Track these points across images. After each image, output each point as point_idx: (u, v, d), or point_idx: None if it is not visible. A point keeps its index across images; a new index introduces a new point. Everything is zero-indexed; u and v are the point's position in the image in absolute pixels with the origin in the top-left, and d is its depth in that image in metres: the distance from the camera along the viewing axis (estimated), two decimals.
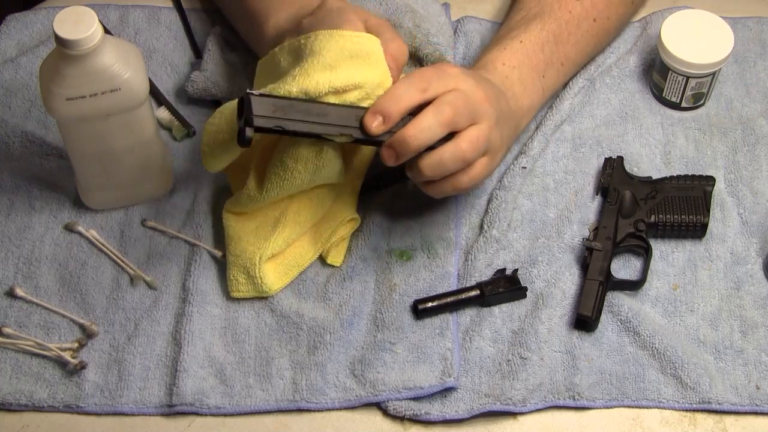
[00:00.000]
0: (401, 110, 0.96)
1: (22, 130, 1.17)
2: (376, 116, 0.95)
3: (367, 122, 0.96)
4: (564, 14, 1.14)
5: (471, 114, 0.98)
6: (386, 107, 0.95)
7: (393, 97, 0.96)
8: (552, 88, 1.16)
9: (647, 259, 1.08)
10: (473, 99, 0.98)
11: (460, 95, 0.97)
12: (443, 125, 0.96)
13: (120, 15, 1.29)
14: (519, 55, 1.11)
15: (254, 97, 0.93)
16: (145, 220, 1.12)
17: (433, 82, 0.97)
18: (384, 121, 0.96)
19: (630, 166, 1.15)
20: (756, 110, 1.20)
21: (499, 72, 1.09)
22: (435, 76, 0.98)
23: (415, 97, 0.96)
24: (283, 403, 1.01)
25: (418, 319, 1.05)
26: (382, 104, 0.96)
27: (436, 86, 0.97)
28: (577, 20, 1.15)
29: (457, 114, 0.97)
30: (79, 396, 1.01)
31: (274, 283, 1.06)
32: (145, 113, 1.06)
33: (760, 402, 1.01)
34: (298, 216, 1.07)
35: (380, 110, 0.96)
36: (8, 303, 1.07)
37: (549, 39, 1.13)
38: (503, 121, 1.04)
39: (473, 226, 1.12)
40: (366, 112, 0.96)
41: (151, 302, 1.07)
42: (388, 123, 0.96)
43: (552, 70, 1.14)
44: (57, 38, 0.96)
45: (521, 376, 1.01)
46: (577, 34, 1.15)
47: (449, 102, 0.96)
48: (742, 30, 1.26)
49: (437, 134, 0.96)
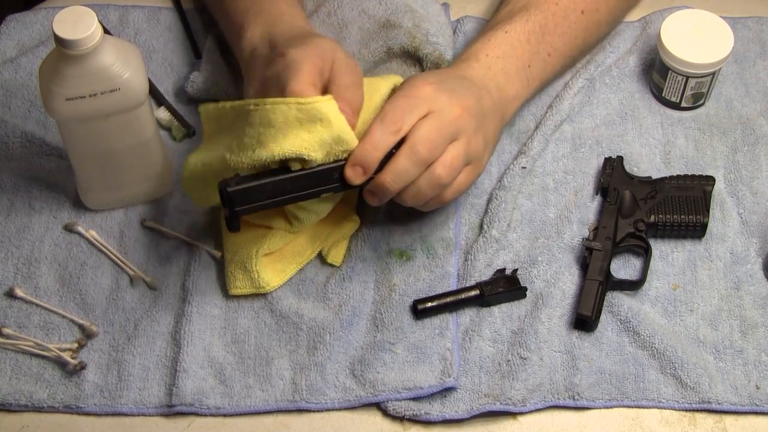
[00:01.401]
0: (379, 158, 0.98)
1: (21, 130, 1.17)
2: (356, 168, 0.98)
3: (349, 176, 0.98)
4: (550, 6, 1.15)
5: (447, 137, 0.99)
6: (364, 158, 0.97)
7: (369, 146, 0.97)
8: (539, 79, 1.15)
9: (647, 259, 1.08)
10: (448, 120, 0.99)
11: (434, 124, 0.98)
12: (419, 165, 0.98)
13: (120, 15, 1.29)
14: (503, 46, 1.11)
15: (232, 190, 0.95)
16: (145, 220, 1.12)
17: (406, 117, 0.98)
18: (365, 171, 0.98)
19: (630, 165, 1.14)
20: (756, 110, 1.20)
21: (481, 63, 1.09)
22: (406, 110, 0.99)
23: (390, 140, 0.98)
24: (283, 404, 1.01)
25: (418, 319, 1.05)
26: (360, 155, 0.97)
27: (410, 120, 0.98)
28: (564, 11, 1.15)
29: (432, 148, 0.98)
30: (78, 396, 1.01)
31: (271, 278, 1.06)
32: (144, 113, 1.06)
33: (760, 402, 1.01)
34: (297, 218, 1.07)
35: (359, 162, 0.98)
36: (8, 303, 1.07)
37: (535, 29, 1.13)
38: (487, 119, 1.05)
39: (473, 226, 1.12)
40: (346, 166, 0.98)
41: (151, 302, 1.07)
42: (368, 172, 0.98)
43: (538, 60, 1.14)
44: (57, 38, 0.96)
45: (521, 376, 1.01)
46: (564, 25, 1.15)
47: (422, 139, 0.98)
48: (742, 30, 1.26)
49: (415, 175, 0.99)
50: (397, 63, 1.18)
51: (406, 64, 1.19)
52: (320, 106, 0.96)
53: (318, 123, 0.96)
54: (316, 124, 0.96)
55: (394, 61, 1.18)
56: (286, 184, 0.97)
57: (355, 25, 1.20)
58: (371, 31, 1.19)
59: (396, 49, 1.18)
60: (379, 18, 1.20)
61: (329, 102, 0.96)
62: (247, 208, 0.96)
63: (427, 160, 0.98)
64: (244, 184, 0.96)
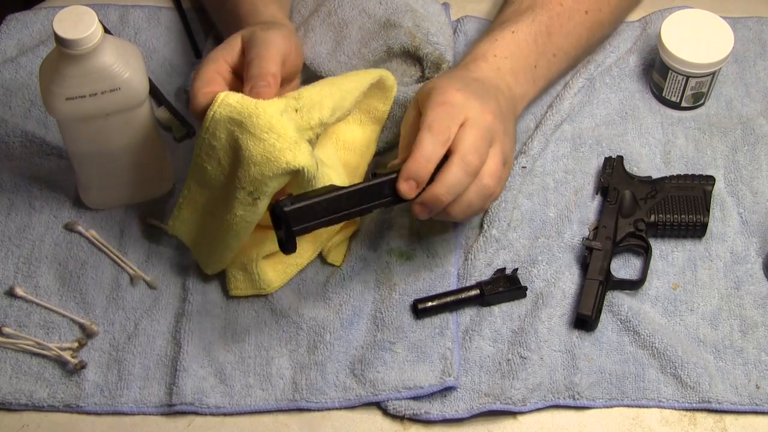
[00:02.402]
0: (431, 170, 0.97)
1: (22, 130, 1.18)
2: (410, 182, 0.97)
3: (403, 190, 0.97)
4: (555, 6, 1.15)
5: (488, 143, 1.00)
6: (417, 172, 0.97)
7: (422, 159, 0.96)
8: (544, 78, 1.16)
9: (647, 258, 1.08)
10: (485, 126, 1.00)
11: (477, 132, 0.98)
12: (471, 175, 0.98)
13: (120, 15, 1.29)
14: (511, 46, 1.11)
15: (289, 210, 0.93)
16: (147, 217, 1.12)
17: (451, 126, 0.98)
18: (418, 185, 0.97)
19: (630, 165, 1.15)
20: (756, 110, 1.20)
21: (490, 64, 1.09)
22: (448, 118, 0.98)
23: (440, 151, 0.97)
24: (283, 403, 1.01)
25: (418, 318, 1.05)
26: (413, 169, 0.96)
27: (453, 129, 0.98)
28: (569, 12, 1.15)
29: (480, 156, 0.99)
30: (79, 395, 1.01)
31: (272, 280, 1.06)
32: (144, 113, 1.06)
33: (760, 401, 1.01)
34: None
35: (413, 176, 0.97)
36: (8, 302, 1.07)
37: (541, 30, 1.13)
38: (507, 119, 1.06)
39: (473, 226, 1.12)
40: (399, 180, 0.97)
41: (151, 302, 1.07)
42: (421, 185, 0.97)
43: (544, 60, 1.14)
44: (57, 38, 0.96)
45: (521, 375, 1.01)
46: (568, 25, 1.15)
47: (470, 148, 0.98)
48: (742, 30, 1.26)
49: (466, 185, 0.98)
50: (397, 62, 1.18)
51: (406, 63, 1.19)
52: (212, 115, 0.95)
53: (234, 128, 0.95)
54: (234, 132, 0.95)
55: (394, 61, 1.18)
56: (341, 201, 0.96)
57: (355, 25, 1.20)
58: (371, 30, 1.19)
59: (396, 49, 1.18)
60: (380, 17, 1.20)
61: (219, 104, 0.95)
62: (304, 227, 0.94)
63: (477, 169, 0.98)
64: (299, 203, 0.94)
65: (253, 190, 0.96)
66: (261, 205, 0.98)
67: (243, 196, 0.97)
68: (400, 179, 0.97)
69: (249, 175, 0.95)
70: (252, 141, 0.94)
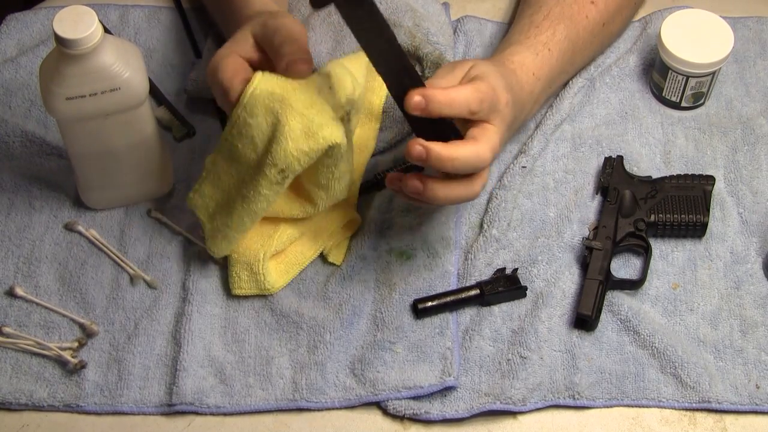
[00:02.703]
0: (443, 113, 0.94)
1: (22, 130, 1.18)
2: (421, 101, 0.93)
3: (409, 102, 0.93)
4: (581, 19, 1.14)
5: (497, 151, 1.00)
6: (435, 100, 0.93)
7: (447, 98, 0.94)
8: (552, 95, 1.18)
9: (647, 258, 1.08)
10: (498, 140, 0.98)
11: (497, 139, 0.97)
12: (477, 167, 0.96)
13: (120, 15, 1.29)
14: (545, 68, 1.11)
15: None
16: (151, 210, 1.12)
17: (485, 109, 0.96)
18: (424, 108, 0.93)
19: (630, 165, 1.15)
20: (756, 110, 1.20)
21: (530, 84, 1.09)
22: (489, 104, 0.97)
23: (463, 113, 0.95)
24: (283, 403, 1.01)
25: (418, 318, 1.05)
26: (434, 96, 0.93)
27: (486, 115, 0.97)
28: (592, 26, 1.15)
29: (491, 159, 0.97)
30: (79, 395, 1.01)
31: (276, 281, 1.06)
32: (144, 113, 1.06)
33: (760, 401, 1.01)
34: None
35: (428, 97, 0.93)
36: (8, 302, 1.07)
37: (569, 49, 1.13)
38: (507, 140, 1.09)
39: (473, 226, 1.12)
40: (413, 92, 0.93)
41: (151, 302, 1.07)
42: (424, 112, 0.94)
43: (560, 80, 1.16)
44: (57, 38, 0.96)
45: (521, 375, 1.01)
46: (588, 40, 1.16)
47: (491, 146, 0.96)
48: (742, 30, 1.26)
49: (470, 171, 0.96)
50: None
51: None
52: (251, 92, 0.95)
53: (274, 104, 0.95)
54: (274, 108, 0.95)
55: None
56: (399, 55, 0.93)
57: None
58: None
59: None
60: None
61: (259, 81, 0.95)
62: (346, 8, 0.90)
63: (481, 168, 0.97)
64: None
65: (285, 168, 0.96)
66: (285, 185, 0.98)
67: (273, 174, 0.97)
68: (416, 91, 0.93)
69: (284, 151, 0.95)
70: (293, 116, 0.95)
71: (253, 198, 0.99)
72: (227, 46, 1.01)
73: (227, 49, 1.00)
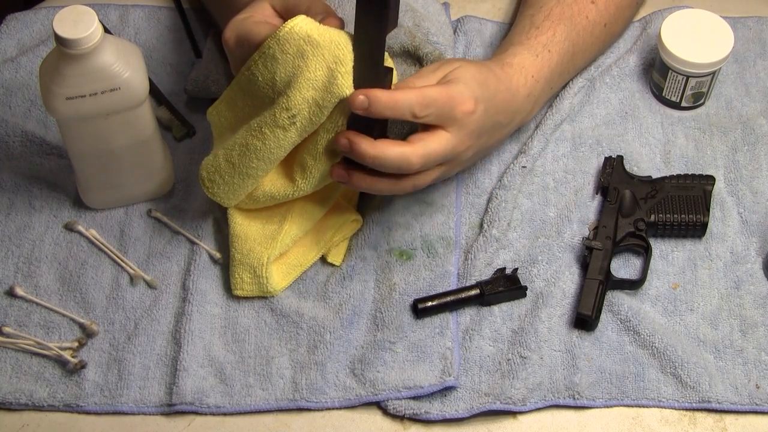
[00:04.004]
0: (384, 115, 0.94)
1: (22, 130, 1.18)
2: (364, 100, 0.93)
3: (352, 100, 0.94)
4: (581, 20, 1.14)
5: (438, 163, 0.99)
6: (377, 103, 0.93)
7: (389, 100, 0.94)
8: (552, 97, 1.18)
9: (647, 258, 1.08)
10: (452, 151, 0.98)
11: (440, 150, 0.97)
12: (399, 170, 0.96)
13: (120, 15, 1.29)
14: (545, 69, 1.11)
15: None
16: (151, 210, 1.12)
17: (432, 114, 0.96)
18: (368, 108, 0.94)
19: (630, 165, 1.15)
20: (756, 110, 1.20)
21: (528, 86, 1.09)
22: (438, 110, 0.96)
23: (406, 116, 0.95)
24: (283, 403, 1.01)
25: (418, 318, 1.05)
26: (377, 97, 0.93)
27: (431, 118, 0.96)
28: (592, 26, 1.15)
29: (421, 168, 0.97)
30: (79, 395, 1.01)
31: (278, 283, 1.06)
32: (144, 112, 1.06)
33: (760, 401, 1.01)
34: (304, 214, 1.07)
35: (371, 98, 0.93)
36: (8, 302, 1.07)
37: (569, 50, 1.13)
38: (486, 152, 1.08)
39: (473, 226, 1.12)
40: (358, 91, 0.94)
41: (151, 301, 1.07)
42: (367, 112, 0.94)
43: (560, 82, 1.16)
44: (57, 38, 0.96)
45: (521, 375, 1.01)
46: (589, 41, 1.15)
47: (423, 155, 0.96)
48: (742, 30, 1.26)
49: (389, 170, 0.96)
50: (397, 62, 1.18)
51: (406, 63, 1.19)
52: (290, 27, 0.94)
53: (307, 47, 0.94)
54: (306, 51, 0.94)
55: (394, 60, 1.18)
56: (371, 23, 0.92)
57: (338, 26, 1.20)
58: None
59: (396, 48, 1.18)
60: None
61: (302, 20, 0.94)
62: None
63: (407, 173, 0.97)
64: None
65: (297, 113, 0.96)
66: (290, 134, 0.97)
67: (282, 117, 0.96)
68: (360, 91, 0.93)
69: (302, 97, 0.95)
70: (320, 65, 0.94)
71: (253, 132, 0.99)
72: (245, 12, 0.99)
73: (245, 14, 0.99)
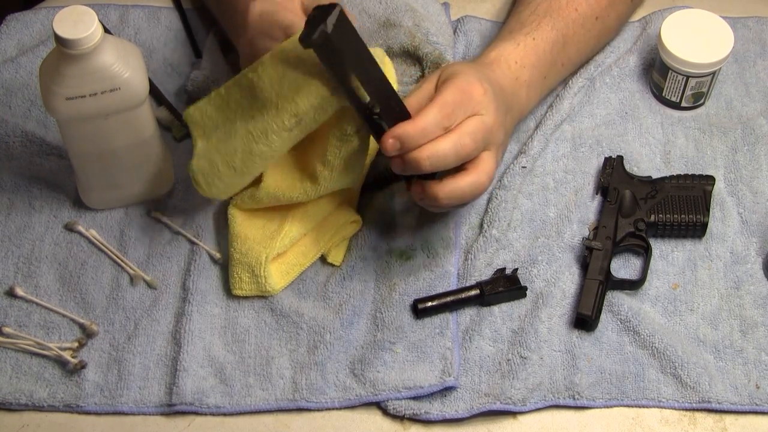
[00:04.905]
0: (421, 143, 0.95)
1: (22, 130, 1.18)
2: (396, 142, 0.95)
3: (386, 144, 0.95)
4: (571, 12, 1.14)
5: (486, 143, 0.99)
6: (408, 137, 0.94)
7: (419, 131, 0.94)
8: (548, 89, 1.17)
9: (647, 258, 1.08)
10: (491, 127, 0.99)
11: (482, 126, 0.97)
12: (459, 157, 0.96)
13: (120, 15, 1.29)
14: (531, 55, 1.11)
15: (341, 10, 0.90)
16: (151, 210, 1.12)
17: (459, 114, 0.97)
18: (401, 147, 0.95)
19: (630, 165, 1.15)
20: (756, 110, 1.20)
21: (512, 71, 1.09)
22: (461, 107, 0.97)
23: (438, 133, 0.95)
24: (283, 403, 1.01)
25: (418, 318, 1.05)
26: (405, 134, 0.94)
27: (460, 118, 0.97)
28: (583, 19, 1.15)
29: (476, 147, 0.97)
30: (79, 395, 1.01)
31: (277, 282, 1.06)
32: (144, 113, 1.06)
33: (760, 401, 1.01)
34: (305, 214, 1.07)
35: (402, 138, 0.94)
36: (8, 302, 1.07)
37: (558, 39, 1.13)
38: (507, 134, 1.06)
39: (473, 226, 1.12)
40: (386, 135, 0.95)
41: (151, 302, 1.07)
42: (404, 151, 0.95)
43: (554, 71, 1.15)
44: (57, 38, 0.96)
45: (521, 375, 1.01)
46: (581, 33, 1.15)
47: (471, 133, 0.96)
48: (742, 30, 1.26)
49: (451, 164, 0.97)
50: (397, 62, 1.18)
51: (406, 63, 1.19)
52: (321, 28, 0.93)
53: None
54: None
55: (394, 60, 1.18)
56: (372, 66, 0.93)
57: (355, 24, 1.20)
58: (371, 30, 1.19)
59: (396, 49, 1.18)
60: (379, 17, 1.20)
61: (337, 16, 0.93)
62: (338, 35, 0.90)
63: (467, 157, 0.97)
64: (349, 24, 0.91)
65: (303, 117, 0.96)
66: (294, 134, 0.98)
67: (287, 119, 0.96)
68: (389, 135, 0.95)
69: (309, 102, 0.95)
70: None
71: (257, 137, 0.98)
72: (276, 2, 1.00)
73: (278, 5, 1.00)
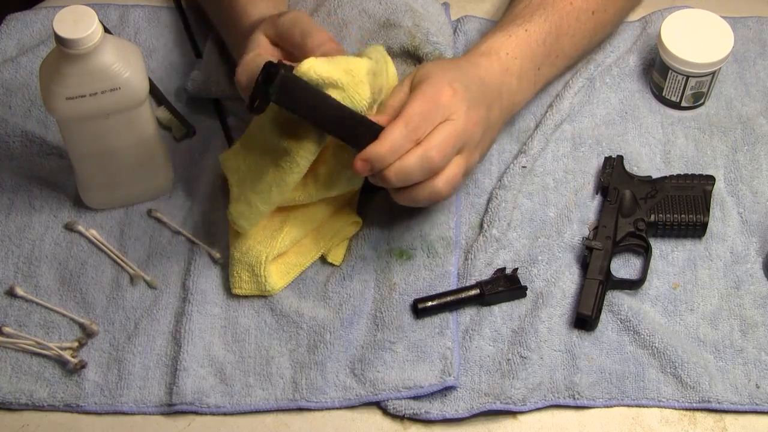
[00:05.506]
0: (391, 162, 0.96)
1: (22, 130, 1.18)
2: (366, 164, 0.96)
3: (357, 167, 0.96)
4: (565, 5, 1.14)
5: (456, 149, 0.99)
6: (377, 158, 0.96)
7: (388, 150, 0.95)
8: (544, 81, 1.16)
9: (647, 258, 1.08)
10: (461, 131, 0.99)
11: (450, 134, 0.98)
12: (426, 170, 0.97)
13: (120, 15, 1.29)
14: (522, 46, 1.10)
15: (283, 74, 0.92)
16: (151, 210, 1.12)
17: (427, 125, 0.97)
18: (372, 168, 0.96)
19: (630, 165, 1.15)
20: (756, 109, 1.20)
21: (502, 62, 1.09)
22: (428, 117, 0.97)
23: (408, 147, 0.96)
24: (283, 402, 1.01)
25: (418, 318, 1.05)
26: (375, 155, 0.95)
27: (428, 128, 0.97)
28: (577, 12, 1.15)
29: (443, 158, 0.98)
30: (79, 395, 1.01)
31: (276, 282, 1.06)
32: (144, 112, 1.06)
33: (760, 401, 1.01)
34: (305, 216, 1.07)
35: (372, 159, 0.96)
36: (8, 302, 1.07)
37: (551, 31, 1.13)
38: (490, 130, 1.06)
39: (473, 226, 1.12)
40: (357, 157, 0.96)
41: (151, 301, 1.07)
42: (376, 170, 0.97)
43: (547, 63, 1.14)
44: (57, 37, 0.96)
45: (521, 375, 1.01)
46: (575, 26, 1.15)
47: (437, 145, 0.97)
48: (742, 29, 1.26)
49: (418, 178, 0.97)
50: (397, 62, 1.18)
51: (406, 63, 1.19)
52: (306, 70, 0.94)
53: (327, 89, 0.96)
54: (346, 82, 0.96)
55: (394, 61, 1.18)
56: (328, 106, 0.94)
57: (355, 25, 1.20)
58: (371, 30, 1.19)
59: (396, 49, 1.18)
60: (379, 17, 1.20)
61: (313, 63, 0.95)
62: (285, 98, 0.92)
63: (435, 167, 0.97)
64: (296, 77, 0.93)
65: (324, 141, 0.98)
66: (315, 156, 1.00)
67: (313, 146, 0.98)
68: (358, 158, 0.96)
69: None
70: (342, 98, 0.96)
71: (288, 168, 0.99)
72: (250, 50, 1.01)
73: (252, 52, 1.01)
